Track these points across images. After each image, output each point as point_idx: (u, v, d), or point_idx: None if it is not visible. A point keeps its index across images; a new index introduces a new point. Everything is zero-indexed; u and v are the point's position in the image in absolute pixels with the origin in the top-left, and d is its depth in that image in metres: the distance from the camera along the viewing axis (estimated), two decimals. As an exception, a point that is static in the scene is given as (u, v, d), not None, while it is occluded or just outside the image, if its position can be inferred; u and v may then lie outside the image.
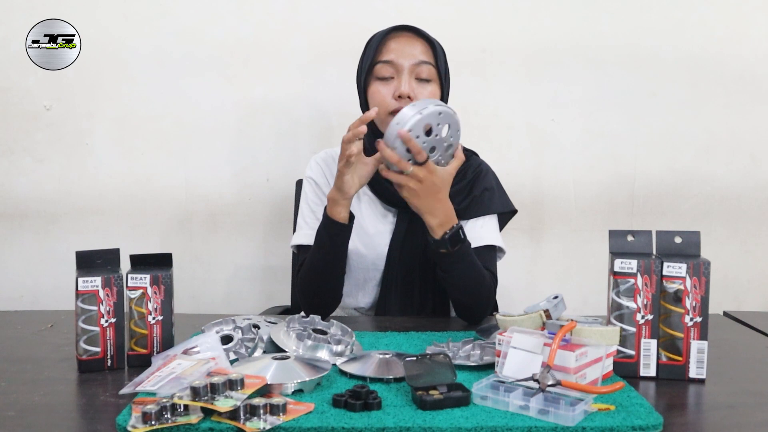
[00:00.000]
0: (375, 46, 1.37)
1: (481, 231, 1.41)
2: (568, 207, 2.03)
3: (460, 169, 1.41)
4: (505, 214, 1.49)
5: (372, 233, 1.43)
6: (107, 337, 1.03)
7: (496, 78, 1.98)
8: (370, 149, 1.31)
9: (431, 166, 1.19)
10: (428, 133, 1.17)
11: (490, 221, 1.44)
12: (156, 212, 1.99)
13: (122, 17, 1.93)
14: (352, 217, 1.30)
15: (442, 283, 1.32)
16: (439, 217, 1.24)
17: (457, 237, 1.24)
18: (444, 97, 1.41)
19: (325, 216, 1.30)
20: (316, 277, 1.34)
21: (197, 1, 1.94)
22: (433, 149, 1.19)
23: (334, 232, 1.30)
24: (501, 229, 1.49)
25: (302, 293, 1.38)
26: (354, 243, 1.41)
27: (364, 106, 1.42)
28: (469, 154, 1.48)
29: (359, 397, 0.84)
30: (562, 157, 2.01)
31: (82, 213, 1.98)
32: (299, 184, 1.75)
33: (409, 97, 1.33)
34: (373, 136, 1.37)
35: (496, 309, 1.41)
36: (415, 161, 1.18)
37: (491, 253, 1.43)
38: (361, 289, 1.46)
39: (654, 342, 1.00)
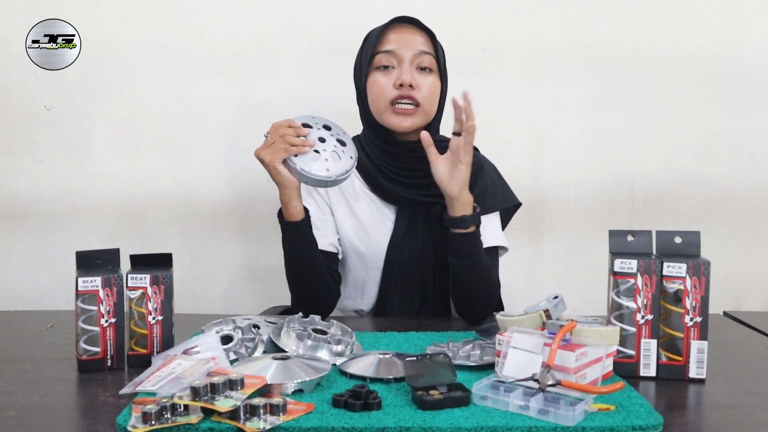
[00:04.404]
0: (375, 37, 1.37)
1: (483, 231, 1.35)
2: (568, 207, 2.03)
3: None
4: (510, 208, 1.46)
5: (371, 231, 1.42)
6: (107, 337, 1.03)
7: (496, 78, 1.98)
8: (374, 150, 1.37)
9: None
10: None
11: (492, 220, 1.41)
12: (156, 212, 1.99)
13: (122, 17, 1.93)
14: (306, 212, 1.31)
15: (455, 273, 1.31)
16: (467, 194, 1.27)
17: (478, 215, 1.28)
18: (444, 89, 1.41)
19: (280, 221, 1.31)
20: (295, 281, 1.35)
21: (197, 1, 1.94)
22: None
23: (292, 233, 1.30)
24: (507, 223, 1.47)
25: (292, 297, 1.39)
26: (353, 242, 1.41)
27: (363, 98, 1.41)
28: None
29: (359, 397, 0.84)
30: (562, 157, 2.01)
31: (82, 213, 1.98)
32: (299, 184, 1.75)
33: (410, 86, 1.33)
34: (371, 131, 1.38)
35: (501, 308, 1.41)
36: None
37: (494, 255, 1.41)
38: (360, 290, 1.45)
39: (654, 342, 1.00)
